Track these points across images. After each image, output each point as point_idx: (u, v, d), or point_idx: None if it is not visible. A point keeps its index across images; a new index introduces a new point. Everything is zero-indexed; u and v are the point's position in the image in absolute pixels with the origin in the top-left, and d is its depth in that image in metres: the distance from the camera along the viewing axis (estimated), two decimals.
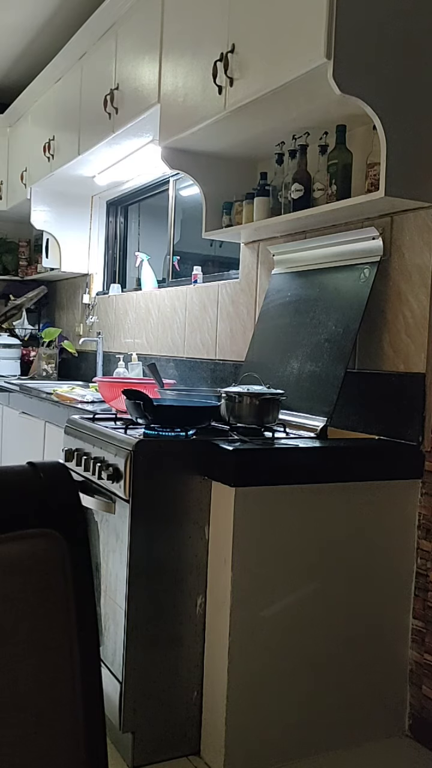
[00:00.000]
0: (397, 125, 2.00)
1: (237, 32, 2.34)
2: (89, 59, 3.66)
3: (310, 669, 2.04)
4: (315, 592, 2.05)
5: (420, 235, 2.17)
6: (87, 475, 2.23)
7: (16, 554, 0.66)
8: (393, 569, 2.16)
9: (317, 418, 2.25)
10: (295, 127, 2.49)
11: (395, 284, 2.25)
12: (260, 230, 2.78)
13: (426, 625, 2.14)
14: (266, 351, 2.70)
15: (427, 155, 2.07)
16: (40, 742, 0.66)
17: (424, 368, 2.15)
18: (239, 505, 1.92)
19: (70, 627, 0.68)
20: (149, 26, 2.98)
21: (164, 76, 2.84)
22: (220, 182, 2.90)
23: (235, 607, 1.92)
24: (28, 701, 0.66)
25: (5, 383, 4.16)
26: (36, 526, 0.67)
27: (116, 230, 4.54)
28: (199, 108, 2.55)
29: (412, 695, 2.18)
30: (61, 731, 0.68)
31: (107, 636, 2.09)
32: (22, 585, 0.66)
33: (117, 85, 3.25)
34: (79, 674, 0.69)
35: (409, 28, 2.05)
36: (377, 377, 2.30)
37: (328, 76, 1.94)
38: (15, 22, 4.07)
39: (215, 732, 1.97)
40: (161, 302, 3.73)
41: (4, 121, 5.00)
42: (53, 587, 0.68)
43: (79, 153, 3.65)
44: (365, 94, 1.98)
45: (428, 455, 2.14)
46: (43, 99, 4.34)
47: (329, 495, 2.04)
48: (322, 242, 2.53)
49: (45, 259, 4.61)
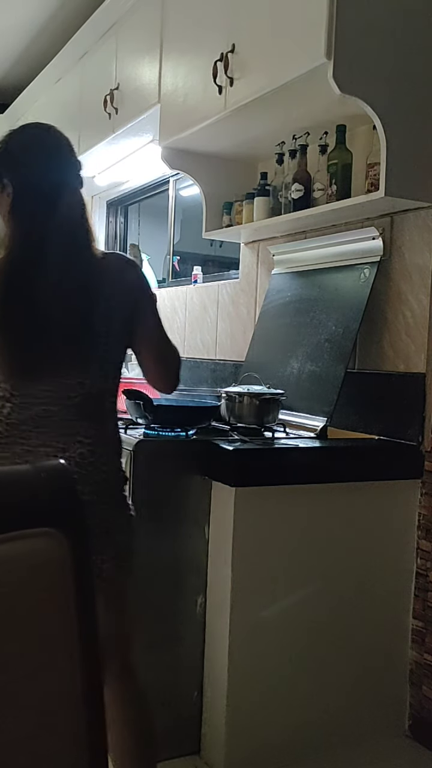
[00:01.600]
0: (397, 125, 2.00)
1: (237, 32, 2.34)
2: (89, 59, 3.65)
3: (310, 669, 2.04)
4: (315, 592, 2.05)
5: (420, 235, 2.17)
6: None
7: (16, 554, 0.66)
8: (393, 569, 2.15)
9: (317, 418, 2.25)
10: (295, 127, 2.48)
11: (395, 284, 2.25)
12: (260, 230, 2.78)
13: (426, 625, 2.14)
14: (266, 351, 2.70)
15: (427, 155, 2.07)
16: (40, 742, 0.66)
17: (424, 368, 2.15)
18: (239, 505, 1.91)
19: (70, 627, 0.68)
20: (149, 26, 2.98)
21: (164, 76, 2.84)
22: (220, 182, 2.90)
23: (235, 607, 1.92)
24: (28, 701, 0.65)
25: None
26: (36, 526, 0.67)
27: (116, 230, 4.54)
28: (199, 108, 2.55)
29: (412, 695, 2.18)
30: (61, 731, 0.68)
31: None
32: (22, 585, 0.66)
33: (117, 85, 3.25)
34: (80, 674, 0.69)
35: (409, 28, 2.04)
36: (377, 377, 2.30)
37: (328, 76, 1.94)
38: (15, 22, 4.07)
39: (215, 732, 1.97)
40: (161, 302, 3.71)
41: (4, 121, 4.99)
42: (53, 587, 0.68)
43: (79, 153, 3.64)
44: (365, 94, 1.98)
45: (428, 455, 2.14)
46: (43, 99, 4.33)
47: (329, 495, 2.04)
48: (322, 242, 2.53)
49: None
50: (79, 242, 1.57)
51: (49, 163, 1.59)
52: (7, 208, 1.57)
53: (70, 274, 1.53)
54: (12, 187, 1.56)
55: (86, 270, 1.56)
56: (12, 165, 1.57)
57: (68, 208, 1.57)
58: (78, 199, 1.61)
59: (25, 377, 1.51)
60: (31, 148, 1.60)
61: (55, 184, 1.57)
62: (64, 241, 1.54)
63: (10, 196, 1.56)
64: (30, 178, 1.56)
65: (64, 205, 1.56)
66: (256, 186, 2.70)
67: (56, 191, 1.56)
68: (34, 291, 1.51)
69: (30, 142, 1.61)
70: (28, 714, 0.66)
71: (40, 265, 1.51)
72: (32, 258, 1.52)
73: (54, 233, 1.53)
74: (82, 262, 1.56)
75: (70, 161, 1.63)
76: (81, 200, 1.62)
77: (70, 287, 1.53)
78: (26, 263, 1.52)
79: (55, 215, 1.54)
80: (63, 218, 1.55)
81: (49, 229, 1.53)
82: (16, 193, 1.55)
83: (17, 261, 1.52)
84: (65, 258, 1.53)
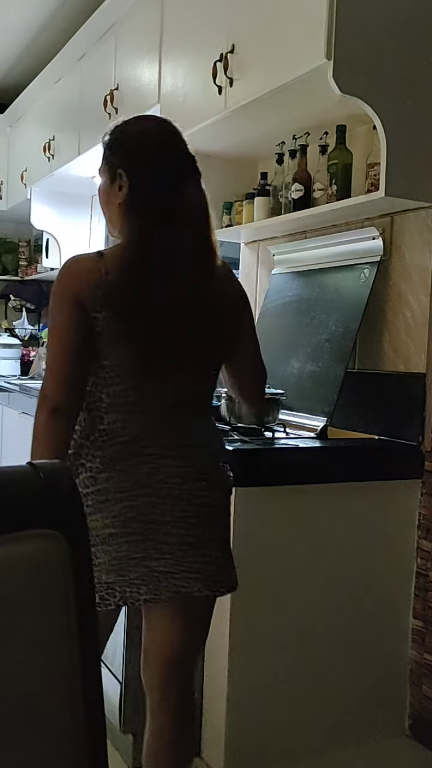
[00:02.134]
0: (397, 125, 2.00)
1: (237, 32, 2.34)
2: (89, 59, 3.65)
3: (310, 669, 2.04)
4: (315, 592, 2.05)
5: (420, 235, 2.17)
6: None
7: (16, 554, 0.66)
8: (393, 569, 2.15)
9: (317, 418, 2.25)
10: (295, 127, 2.48)
11: (395, 284, 2.25)
12: (260, 230, 2.78)
13: (426, 625, 2.14)
14: (266, 351, 2.68)
15: (427, 155, 2.07)
16: (40, 743, 0.66)
17: (424, 368, 2.15)
18: (239, 505, 1.91)
19: (70, 627, 0.68)
20: (149, 26, 2.98)
21: (164, 77, 2.83)
22: (219, 182, 2.90)
23: (235, 607, 1.92)
24: (27, 702, 0.65)
25: (5, 383, 4.16)
26: (36, 527, 0.67)
27: None
28: (199, 108, 2.55)
29: (412, 695, 2.18)
30: (61, 732, 0.68)
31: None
32: (22, 585, 0.66)
33: (117, 86, 3.25)
34: (79, 675, 0.69)
35: (409, 28, 2.04)
36: (377, 377, 2.30)
37: (328, 76, 1.94)
38: (15, 22, 4.07)
39: (215, 732, 1.97)
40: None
41: (4, 121, 4.99)
42: (53, 587, 0.68)
43: (79, 153, 3.65)
44: (365, 94, 1.98)
45: (428, 455, 2.14)
46: (43, 99, 4.33)
47: (329, 495, 2.04)
48: (322, 242, 2.53)
49: (45, 259, 4.61)
50: (204, 248, 1.51)
51: (167, 157, 1.51)
52: (120, 199, 1.51)
53: (192, 279, 1.49)
54: (127, 177, 1.50)
55: (208, 277, 1.52)
56: (128, 156, 1.51)
57: (188, 209, 1.50)
58: (199, 197, 1.53)
59: (154, 380, 1.46)
60: (148, 139, 1.52)
61: (175, 179, 1.49)
62: (186, 247, 1.48)
63: (123, 189, 1.51)
64: (147, 171, 1.49)
65: (186, 204, 1.49)
66: (256, 186, 2.70)
67: (177, 186, 1.49)
68: (160, 293, 1.45)
69: (147, 133, 1.53)
70: (28, 715, 0.66)
71: (163, 264, 1.45)
72: (156, 258, 1.45)
73: (176, 238, 1.47)
74: (204, 270, 1.51)
75: (188, 156, 1.54)
76: (202, 196, 1.54)
77: (193, 293, 1.48)
78: (149, 263, 1.45)
79: (175, 213, 1.47)
80: (186, 218, 1.49)
81: (170, 230, 1.47)
82: (133, 184, 1.49)
83: (141, 260, 1.45)
84: (188, 263, 1.48)
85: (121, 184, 1.51)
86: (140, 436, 1.45)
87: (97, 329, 1.42)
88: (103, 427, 1.46)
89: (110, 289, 1.42)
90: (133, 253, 1.46)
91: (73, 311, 1.42)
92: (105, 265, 1.44)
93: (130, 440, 1.45)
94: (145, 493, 1.44)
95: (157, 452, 1.46)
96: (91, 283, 1.42)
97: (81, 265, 1.47)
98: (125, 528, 1.44)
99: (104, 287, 1.42)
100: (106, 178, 1.56)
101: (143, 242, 1.46)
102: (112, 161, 1.54)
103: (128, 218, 1.49)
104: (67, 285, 1.45)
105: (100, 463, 1.45)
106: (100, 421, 1.46)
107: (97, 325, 1.42)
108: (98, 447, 1.45)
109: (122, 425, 1.45)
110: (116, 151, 1.53)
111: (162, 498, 1.45)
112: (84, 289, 1.42)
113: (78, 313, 1.42)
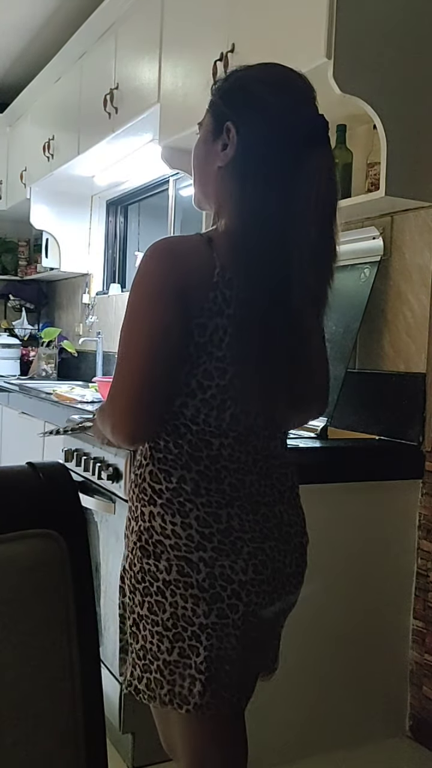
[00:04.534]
0: (397, 125, 2.00)
1: (237, 32, 2.34)
2: (89, 59, 3.65)
3: (310, 669, 2.04)
4: (315, 592, 2.04)
5: (420, 234, 2.17)
6: (87, 475, 2.23)
7: (16, 554, 0.65)
8: (393, 569, 2.15)
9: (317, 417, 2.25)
10: None
11: (395, 284, 2.25)
12: None
13: (426, 625, 2.14)
14: None
15: (427, 155, 2.06)
16: (40, 742, 0.66)
17: (424, 368, 2.15)
18: None
19: (70, 627, 0.68)
20: (149, 26, 2.97)
21: (164, 76, 2.83)
22: None
23: None
24: (27, 702, 0.65)
25: (5, 383, 4.16)
26: (36, 526, 0.67)
27: (116, 230, 4.54)
28: (199, 107, 2.53)
29: (413, 695, 2.18)
30: (61, 732, 0.67)
31: (107, 636, 2.08)
32: (21, 585, 0.66)
33: (117, 85, 3.25)
34: (79, 674, 0.69)
35: (409, 28, 2.04)
36: (377, 377, 2.30)
37: (329, 75, 1.94)
38: (15, 22, 4.07)
39: None
40: None
41: (4, 121, 4.99)
42: (53, 587, 0.67)
43: (79, 152, 3.65)
44: (365, 94, 1.98)
45: (428, 455, 2.13)
46: (42, 99, 4.33)
47: (329, 495, 2.04)
48: None
49: (45, 258, 4.60)
50: (325, 246, 1.20)
51: (297, 114, 1.16)
52: (222, 161, 1.19)
53: (310, 288, 1.22)
54: (237, 133, 1.16)
55: (322, 289, 1.26)
56: (245, 105, 1.17)
57: (315, 188, 1.13)
58: (329, 175, 1.16)
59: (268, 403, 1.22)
60: (277, 88, 1.17)
61: (303, 141, 1.13)
62: (307, 241, 1.15)
63: (228, 147, 1.17)
64: (270, 125, 1.14)
65: (311, 181, 1.13)
66: None
67: (303, 152, 1.13)
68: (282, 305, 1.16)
69: (276, 81, 1.20)
70: (28, 714, 0.66)
71: (285, 265, 1.15)
72: (275, 254, 1.14)
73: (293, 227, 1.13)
74: (320, 278, 1.24)
75: (321, 119, 1.19)
76: (332, 174, 1.17)
77: (306, 306, 1.23)
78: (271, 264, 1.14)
79: (296, 195, 1.13)
80: (310, 201, 1.13)
81: (287, 219, 1.13)
82: (242, 145, 1.16)
83: (266, 262, 1.14)
84: (306, 264, 1.17)
85: (225, 142, 1.19)
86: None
87: (200, 339, 1.13)
88: (213, 453, 1.20)
89: (231, 297, 1.12)
90: (253, 247, 1.13)
91: (178, 309, 1.11)
92: (219, 257, 1.14)
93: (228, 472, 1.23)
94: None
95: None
96: (204, 281, 1.12)
97: (189, 253, 1.14)
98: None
99: (221, 290, 1.12)
100: (208, 131, 1.24)
101: (263, 232, 1.13)
102: (222, 111, 1.22)
103: (240, 189, 1.15)
104: (169, 273, 1.11)
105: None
106: (209, 446, 1.19)
107: (201, 335, 1.13)
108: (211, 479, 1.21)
109: (230, 453, 1.21)
110: (231, 97, 1.22)
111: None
112: (193, 285, 1.11)
113: (181, 312, 1.11)
